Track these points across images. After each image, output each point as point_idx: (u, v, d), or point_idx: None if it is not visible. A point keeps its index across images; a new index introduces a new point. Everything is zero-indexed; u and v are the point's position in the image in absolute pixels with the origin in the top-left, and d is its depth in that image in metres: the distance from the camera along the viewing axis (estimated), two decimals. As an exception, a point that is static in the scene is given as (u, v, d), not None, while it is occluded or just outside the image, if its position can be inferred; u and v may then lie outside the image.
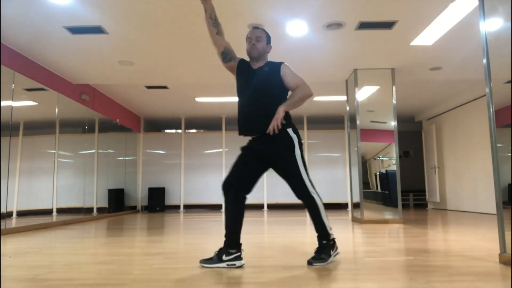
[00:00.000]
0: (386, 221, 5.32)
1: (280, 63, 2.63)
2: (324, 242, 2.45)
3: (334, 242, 2.49)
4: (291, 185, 2.51)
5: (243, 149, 2.57)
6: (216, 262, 2.35)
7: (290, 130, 2.49)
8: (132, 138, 8.91)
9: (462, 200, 7.88)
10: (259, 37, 2.61)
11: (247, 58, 2.71)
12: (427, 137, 9.31)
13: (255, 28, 2.69)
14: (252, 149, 2.53)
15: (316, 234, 2.49)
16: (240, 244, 2.43)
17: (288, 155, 2.47)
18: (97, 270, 2.28)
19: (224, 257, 2.35)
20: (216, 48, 2.72)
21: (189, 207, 9.62)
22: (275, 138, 2.44)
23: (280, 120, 2.37)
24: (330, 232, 2.48)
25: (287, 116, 2.51)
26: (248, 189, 2.52)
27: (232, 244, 2.39)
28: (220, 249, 2.39)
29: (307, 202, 2.47)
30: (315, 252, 2.46)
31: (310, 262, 2.39)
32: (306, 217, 6.60)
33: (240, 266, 2.35)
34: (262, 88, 2.53)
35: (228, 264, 2.34)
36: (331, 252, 2.45)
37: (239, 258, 2.37)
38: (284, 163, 2.49)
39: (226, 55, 2.69)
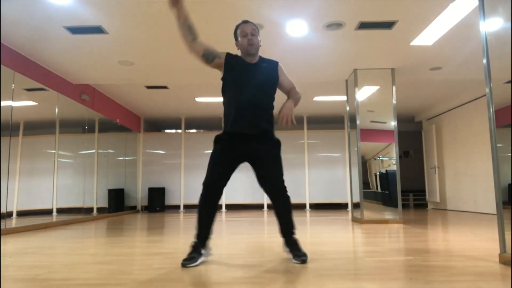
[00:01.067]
0: (386, 221, 5.32)
1: (276, 62, 2.67)
2: (294, 238, 2.57)
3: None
4: (274, 184, 2.53)
5: (223, 146, 2.54)
6: (198, 259, 2.43)
7: (275, 135, 2.60)
8: (132, 138, 8.91)
9: (462, 200, 7.88)
10: (254, 30, 2.58)
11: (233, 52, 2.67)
12: (427, 137, 9.31)
13: (246, 22, 2.60)
14: (236, 148, 2.52)
15: (283, 232, 2.58)
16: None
17: (278, 155, 2.57)
18: (97, 270, 2.28)
19: (202, 251, 2.47)
20: (194, 55, 2.54)
21: (189, 207, 9.62)
22: (270, 138, 2.53)
23: (293, 115, 2.46)
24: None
25: (273, 119, 2.56)
26: (224, 186, 2.60)
27: (207, 238, 2.52)
28: (196, 245, 2.48)
29: (284, 200, 2.55)
30: (294, 250, 2.50)
31: (304, 261, 2.42)
32: (305, 217, 6.60)
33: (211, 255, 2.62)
34: (265, 85, 2.55)
35: (206, 256, 2.53)
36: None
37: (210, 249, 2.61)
38: (273, 163, 2.54)
39: (208, 56, 2.54)
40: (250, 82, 2.52)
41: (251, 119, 2.49)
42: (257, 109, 2.51)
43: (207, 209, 2.51)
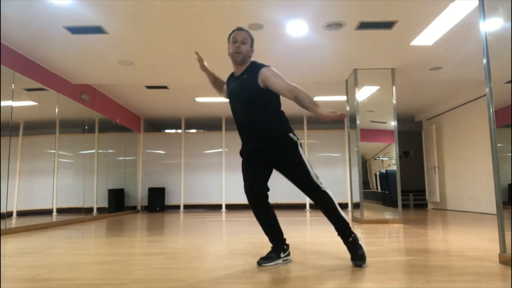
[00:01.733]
0: (386, 221, 5.32)
1: (259, 68, 2.46)
2: (350, 239, 2.36)
3: (355, 235, 2.40)
4: (301, 186, 2.43)
5: (244, 157, 2.54)
6: (275, 260, 2.43)
7: (291, 135, 2.42)
8: (132, 138, 8.91)
9: (462, 200, 7.88)
10: (245, 38, 2.51)
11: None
12: (427, 137, 9.31)
13: (240, 29, 2.54)
14: (256, 157, 2.48)
15: (337, 232, 2.41)
16: (285, 239, 2.54)
17: (293, 155, 2.39)
18: (97, 270, 2.28)
19: (281, 254, 2.47)
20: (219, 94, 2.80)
21: (189, 207, 9.62)
22: (279, 143, 2.39)
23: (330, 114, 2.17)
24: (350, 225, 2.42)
25: (285, 121, 2.46)
26: (267, 190, 2.53)
27: (283, 241, 2.51)
28: (275, 249, 2.49)
29: (320, 199, 2.41)
30: (350, 251, 2.35)
31: (359, 265, 2.29)
32: (306, 217, 6.60)
33: (291, 261, 2.53)
34: (247, 101, 2.43)
35: (283, 260, 2.48)
36: (361, 245, 2.37)
37: (289, 253, 2.54)
38: (291, 164, 2.40)
39: (224, 91, 2.72)
40: (235, 102, 2.50)
41: (251, 140, 2.46)
42: (250, 129, 2.45)
43: (257, 214, 2.51)
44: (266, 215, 2.51)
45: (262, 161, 2.47)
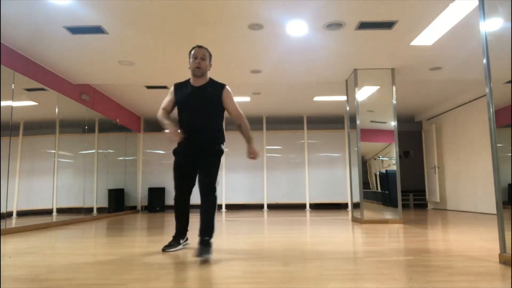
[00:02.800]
0: (386, 221, 5.32)
1: (223, 86, 2.95)
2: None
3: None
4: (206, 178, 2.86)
5: (181, 157, 2.99)
6: (176, 246, 3.02)
7: (222, 146, 2.99)
8: (132, 138, 8.91)
9: (462, 200, 7.88)
10: (204, 55, 2.91)
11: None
12: (427, 137, 9.31)
13: (200, 47, 2.95)
14: (189, 155, 2.94)
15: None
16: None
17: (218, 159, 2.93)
18: (97, 270, 2.28)
19: (181, 241, 3.08)
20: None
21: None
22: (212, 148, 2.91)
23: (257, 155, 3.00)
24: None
25: (223, 135, 3.02)
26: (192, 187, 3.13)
27: (185, 231, 3.13)
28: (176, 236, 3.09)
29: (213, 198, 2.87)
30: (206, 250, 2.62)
31: (207, 258, 2.60)
32: (305, 217, 6.60)
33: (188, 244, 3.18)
34: (207, 107, 2.91)
35: (183, 245, 3.11)
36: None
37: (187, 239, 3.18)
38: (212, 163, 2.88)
39: (168, 109, 3.10)
40: (192, 103, 2.91)
41: (198, 137, 2.90)
42: (203, 129, 2.90)
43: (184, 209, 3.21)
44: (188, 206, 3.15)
45: (197, 157, 2.90)
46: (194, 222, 3.14)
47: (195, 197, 2.97)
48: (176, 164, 3.00)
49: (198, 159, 2.89)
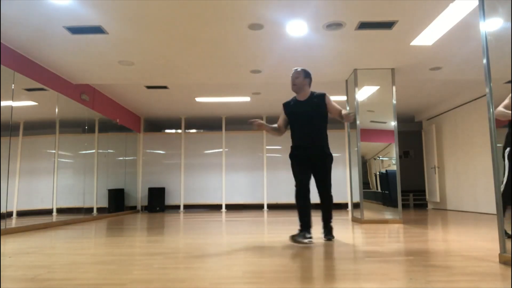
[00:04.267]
0: (386, 221, 5.32)
1: (324, 94, 3.52)
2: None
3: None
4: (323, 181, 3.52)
5: (298, 157, 3.53)
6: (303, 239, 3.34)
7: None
8: (132, 138, 8.91)
9: (462, 200, 7.88)
10: (298, 73, 3.50)
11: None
12: (427, 137, 9.31)
13: (295, 70, 3.53)
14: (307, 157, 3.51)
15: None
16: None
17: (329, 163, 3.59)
18: (97, 270, 2.28)
19: (307, 235, 3.32)
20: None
21: (189, 207, 9.62)
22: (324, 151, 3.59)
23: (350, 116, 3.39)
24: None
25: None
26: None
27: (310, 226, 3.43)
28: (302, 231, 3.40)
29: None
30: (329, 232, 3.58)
31: (330, 238, 3.53)
32: (306, 217, 6.59)
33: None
34: (317, 117, 3.51)
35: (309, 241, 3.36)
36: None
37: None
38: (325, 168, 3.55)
39: (286, 126, 3.70)
40: (303, 115, 3.49)
41: (311, 141, 3.54)
42: (313, 133, 3.55)
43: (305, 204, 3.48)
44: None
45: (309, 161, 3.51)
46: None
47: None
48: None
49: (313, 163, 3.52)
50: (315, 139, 3.49)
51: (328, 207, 3.56)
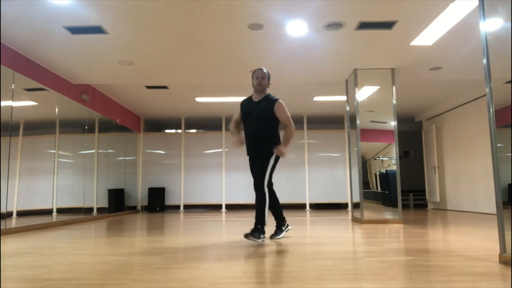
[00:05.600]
0: (386, 221, 5.32)
1: (276, 100, 3.55)
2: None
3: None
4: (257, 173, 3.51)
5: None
6: (279, 234, 3.66)
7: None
8: (132, 138, 8.91)
9: (462, 200, 7.88)
10: (264, 75, 3.59)
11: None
12: (427, 137, 9.31)
13: (260, 69, 3.63)
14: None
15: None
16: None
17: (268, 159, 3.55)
18: (97, 270, 2.28)
19: (283, 228, 3.71)
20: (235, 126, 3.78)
21: (189, 207, 9.62)
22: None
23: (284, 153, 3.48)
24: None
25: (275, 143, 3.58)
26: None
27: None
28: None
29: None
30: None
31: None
32: (305, 217, 6.60)
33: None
34: (261, 119, 3.52)
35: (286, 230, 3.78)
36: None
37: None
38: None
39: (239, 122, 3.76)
40: (251, 117, 3.56)
41: (255, 145, 3.57)
42: (258, 137, 3.55)
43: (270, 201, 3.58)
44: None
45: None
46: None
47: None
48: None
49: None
50: (257, 138, 3.54)
51: (256, 207, 3.44)
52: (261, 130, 3.54)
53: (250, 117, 3.57)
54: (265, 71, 3.61)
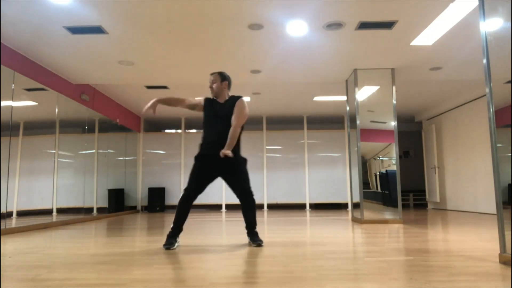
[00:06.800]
0: (386, 221, 5.32)
1: (238, 98, 3.40)
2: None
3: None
4: (239, 187, 3.37)
5: (200, 160, 3.39)
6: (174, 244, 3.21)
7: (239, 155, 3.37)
8: (132, 138, 8.91)
9: (462, 200, 7.88)
10: (215, 79, 3.46)
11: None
12: (427, 137, 9.31)
13: (212, 73, 3.50)
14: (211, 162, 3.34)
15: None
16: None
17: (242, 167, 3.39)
18: (97, 270, 2.28)
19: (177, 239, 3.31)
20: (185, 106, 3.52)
21: (189, 207, 9.59)
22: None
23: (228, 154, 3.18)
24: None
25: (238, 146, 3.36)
26: (202, 191, 3.45)
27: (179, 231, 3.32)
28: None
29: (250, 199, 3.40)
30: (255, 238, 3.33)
31: (260, 244, 3.24)
32: (305, 217, 6.60)
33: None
34: (228, 119, 3.32)
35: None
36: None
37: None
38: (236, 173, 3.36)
39: (192, 107, 3.50)
40: (217, 118, 3.37)
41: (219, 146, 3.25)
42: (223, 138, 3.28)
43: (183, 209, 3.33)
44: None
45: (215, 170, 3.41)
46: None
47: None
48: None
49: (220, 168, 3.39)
50: (223, 140, 3.25)
51: (252, 213, 3.38)
52: (228, 131, 3.28)
53: (216, 117, 3.36)
54: (216, 73, 3.48)
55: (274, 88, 6.95)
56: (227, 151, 3.15)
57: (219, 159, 3.20)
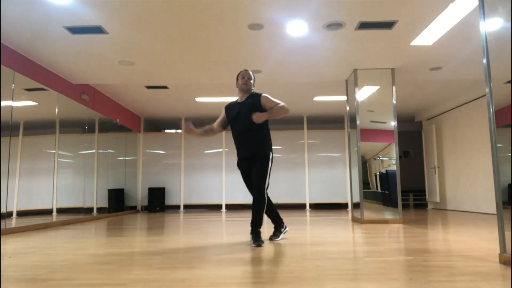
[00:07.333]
0: (386, 221, 5.32)
1: (260, 94, 3.56)
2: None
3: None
4: (252, 182, 3.46)
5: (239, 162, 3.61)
6: (278, 236, 3.67)
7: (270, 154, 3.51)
8: (132, 138, 8.91)
9: (462, 200, 7.88)
10: (250, 75, 3.62)
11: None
12: (427, 137, 9.31)
13: (246, 70, 3.65)
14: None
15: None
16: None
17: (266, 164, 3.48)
18: (97, 270, 2.28)
19: (282, 230, 3.77)
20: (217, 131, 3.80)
21: (189, 207, 9.62)
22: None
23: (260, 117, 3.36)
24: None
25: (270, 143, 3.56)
26: None
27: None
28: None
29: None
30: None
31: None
32: (305, 217, 6.60)
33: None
34: (248, 115, 3.43)
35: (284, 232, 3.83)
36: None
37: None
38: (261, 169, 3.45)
39: (223, 126, 3.77)
40: (239, 117, 3.53)
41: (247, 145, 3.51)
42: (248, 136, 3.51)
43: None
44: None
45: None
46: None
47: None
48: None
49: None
50: (249, 136, 3.49)
51: (255, 212, 3.39)
52: (252, 127, 3.44)
53: (239, 117, 3.52)
54: (251, 72, 3.64)
55: (274, 88, 6.95)
56: (258, 115, 3.31)
57: (247, 159, 3.48)
